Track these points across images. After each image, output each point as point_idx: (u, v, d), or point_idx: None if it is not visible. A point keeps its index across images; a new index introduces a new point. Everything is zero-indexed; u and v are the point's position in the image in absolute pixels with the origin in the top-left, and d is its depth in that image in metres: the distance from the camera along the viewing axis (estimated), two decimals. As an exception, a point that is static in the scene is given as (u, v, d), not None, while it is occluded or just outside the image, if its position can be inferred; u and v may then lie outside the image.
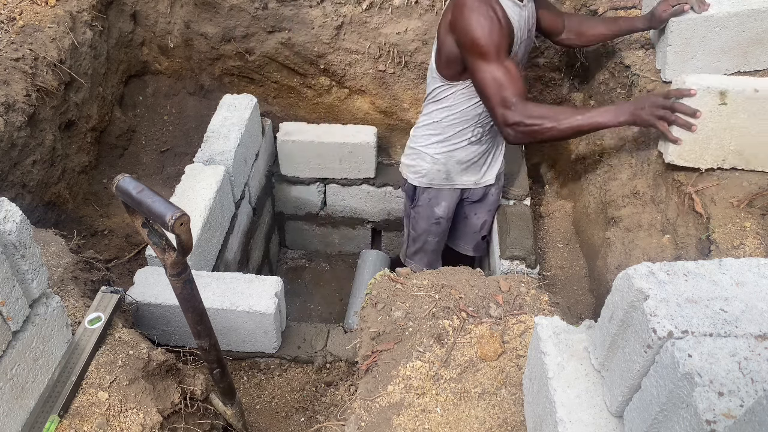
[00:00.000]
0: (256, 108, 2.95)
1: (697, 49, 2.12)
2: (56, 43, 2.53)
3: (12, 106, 2.26)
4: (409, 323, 1.71)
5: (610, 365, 1.09)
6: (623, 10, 2.54)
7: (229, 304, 2.10)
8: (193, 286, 1.48)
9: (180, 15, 3.08)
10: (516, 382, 1.53)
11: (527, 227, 2.56)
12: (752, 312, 0.94)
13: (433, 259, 2.66)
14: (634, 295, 0.98)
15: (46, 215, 2.52)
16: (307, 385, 2.26)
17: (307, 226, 3.54)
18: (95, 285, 1.96)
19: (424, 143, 2.33)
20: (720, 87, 1.78)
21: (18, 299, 1.36)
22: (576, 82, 2.88)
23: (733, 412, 0.80)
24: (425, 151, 2.33)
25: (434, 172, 2.36)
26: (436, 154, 2.32)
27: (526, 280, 1.85)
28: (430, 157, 2.33)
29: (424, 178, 2.40)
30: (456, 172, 2.36)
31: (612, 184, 2.42)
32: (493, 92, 1.96)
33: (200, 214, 2.37)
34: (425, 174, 2.38)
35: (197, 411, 1.84)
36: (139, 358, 1.68)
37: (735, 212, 1.75)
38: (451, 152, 2.30)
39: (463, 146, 2.28)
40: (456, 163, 2.33)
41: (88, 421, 1.52)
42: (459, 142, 2.27)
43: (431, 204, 2.46)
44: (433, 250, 2.63)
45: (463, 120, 2.21)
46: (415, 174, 2.41)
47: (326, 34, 2.96)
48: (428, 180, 2.39)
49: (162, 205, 1.25)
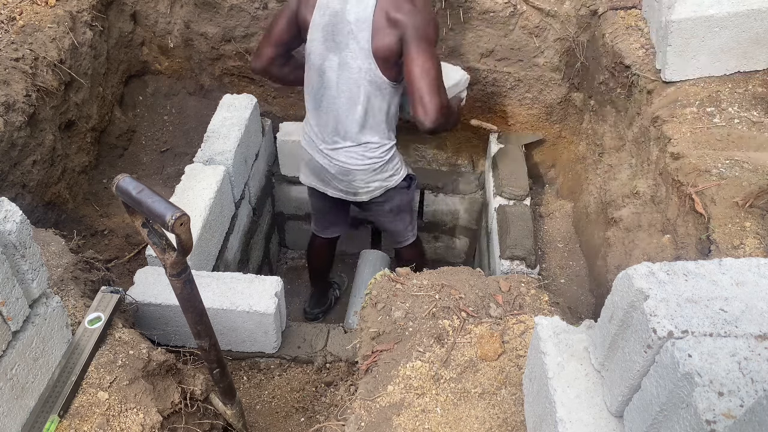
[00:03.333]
0: (256, 108, 2.95)
1: (697, 49, 2.12)
2: (56, 43, 2.53)
3: (12, 106, 2.26)
4: (409, 323, 1.71)
5: (610, 365, 1.09)
6: (623, 10, 2.54)
7: (229, 304, 2.10)
8: (193, 286, 1.48)
9: (180, 15, 3.08)
10: (516, 382, 1.53)
11: (527, 227, 2.56)
12: (752, 312, 0.94)
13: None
14: (634, 295, 0.98)
15: (46, 215, 2.52)
16: (307, 385, 2.26)
17: (307, 226, 3.53)
18: (95, 285, 1.96)
19: (385, 148, 2.41)
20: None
21: (18, 299, 1.36)
22: (576, 82, 2.88)
23: (733, 412, 0.80)
24: (390, 154, 2.43)
25: (399, 157, 2.51)
26: (393, 146, 2.45)
27: (526, 280, 1.85)
28: (393, 151, 2.45)
29: (402, 168, 2.52)
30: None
31: (612, 184, 2.42)
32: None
33: (200, 214, 2.37)
34: (400, 165, 2.50)
35: (197, 411, 1.84)
36: (139, 358, 1.68)
37: (735, 212, 1.75)
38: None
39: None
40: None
41: (88, 421, 1.52)
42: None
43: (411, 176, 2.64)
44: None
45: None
46: (398, 174, 2.50)
47: (326, 34, 2.96)
48: (403, 165, 2.54)
49: (162, 205, 1.25)
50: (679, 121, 2.08)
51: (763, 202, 1.75)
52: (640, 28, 2.44)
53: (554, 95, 2.96)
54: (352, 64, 2.20)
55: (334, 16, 2.17)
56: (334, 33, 2.19)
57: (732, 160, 1.89)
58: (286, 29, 2.31)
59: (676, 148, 1.99)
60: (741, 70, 2.18)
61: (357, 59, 2.19)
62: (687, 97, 2.15)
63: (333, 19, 2.17)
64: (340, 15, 2.16)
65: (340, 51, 2.20)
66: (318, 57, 2.26)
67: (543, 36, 2.80)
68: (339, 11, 2.16)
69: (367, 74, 2.20)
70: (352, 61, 2.20)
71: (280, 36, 2.32)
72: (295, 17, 2.28)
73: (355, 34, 2.15)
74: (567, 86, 2.92)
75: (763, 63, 2.16)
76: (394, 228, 2.76)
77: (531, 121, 3.08)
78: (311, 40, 2.25)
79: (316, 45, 2.24)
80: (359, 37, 2.15)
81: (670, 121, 2.09)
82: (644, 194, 2.18)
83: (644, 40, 2.39)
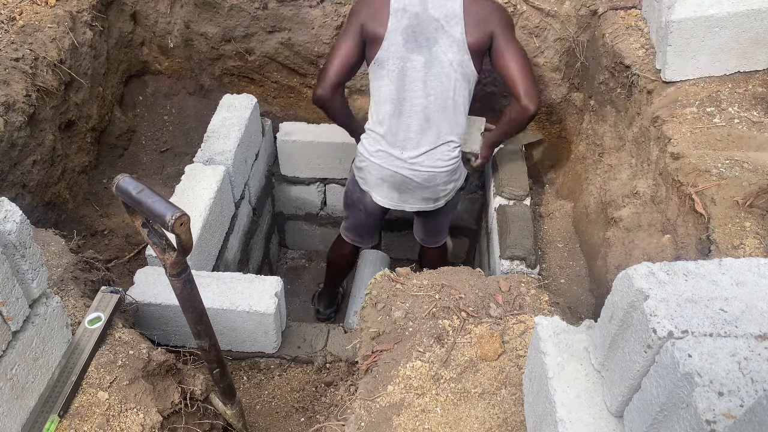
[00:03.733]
0: (256, 108, 2.95)
1: (697, 49, 2.12)
2: (56, 43, 2.53)
3: (12, 106, 2.26)
4: (409, 323, 1.71)
5: (610, 365, 1.09)
6: (623, 10, 2.54)
7: (229, 304, 2.10)
8: (193, 286, 1.48)
9: (180, 15, 3.08)
10: (516, 382, 1.53)
11: (527, 227, 2.56)
12: (752, 312, 0.94)
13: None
14: (634, 295, 0.98)
15: (46, 215, 2.52)
16: (307, 385, 2.26)
17: (307, 226, 3.54)
18: (95, 285, 1.96)
19: (459, 148, 2.44)
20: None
21: (18, 299, 1.36)
22: (576, 82, 2.88)
23: (733, 412, 0.80)
24: (460, 154, 2.45)
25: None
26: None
27: (526, 280, 1.85)
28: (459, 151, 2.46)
29: (461, 166, 2.53)
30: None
31: (612, 184, 2.42)
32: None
33: (200, 214, 2.37)
34: (461, 164, 2.51)
35: (197, 411, 1.84)
36: (139, 358, 1.68)
37: (735, 212, 1.75)
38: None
39: None
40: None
41: (88, 421, 1.52)
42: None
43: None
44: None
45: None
46: (463, 172, 2.52)
47: (326, 34, 2.96)
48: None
49: (162, 205, 1.25)
50: (679, 121, 2.08)
51: (763, 201, 1.75)
52: (640, 28, 2.44)
53: (554, 95, 2.96)
54: (443, 59, 2.24)
55: (414, 18, 2.21)
56: (416, 33, 2.23)
57: (732, 160, 1.89)
58: (354, 50, 2.31)
59: (676, 148, 1.99)
60: (741, 70, 2.18)
61: (449, 53, 2.23)
62: (687, 97, 2.15)
63: (414, 20, 2.21)
64: (422, 15, 2.21)
65: (429, 48, 2.24)
66: (398, 60, 2.26)
67: (543, 36, 2.80)
68: (420, 12, 2.21)
69: (460, 66, 2.25)
70: (443, 55, 2.24)
71: (348, 59, 2.31)
72: (360, 35, 2.29)
73: (446, 29, 2.21)
74: (567, 86, 2.92)
75: (763, 63, 2.16)
76: (441, 228, 2.77)
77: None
78: (388, 46, 2.25)
79: (395, 49, 2.25)
80: (452, 31, 2.21)
81: (670, 121, 2.09)
82: (644, 194, 2.18)
83: (644, 40, 2.39)
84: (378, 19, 2.25)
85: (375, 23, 2.26)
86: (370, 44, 2.31)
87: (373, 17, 2.27)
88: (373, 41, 2.28)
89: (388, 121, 2.35)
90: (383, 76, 2.30)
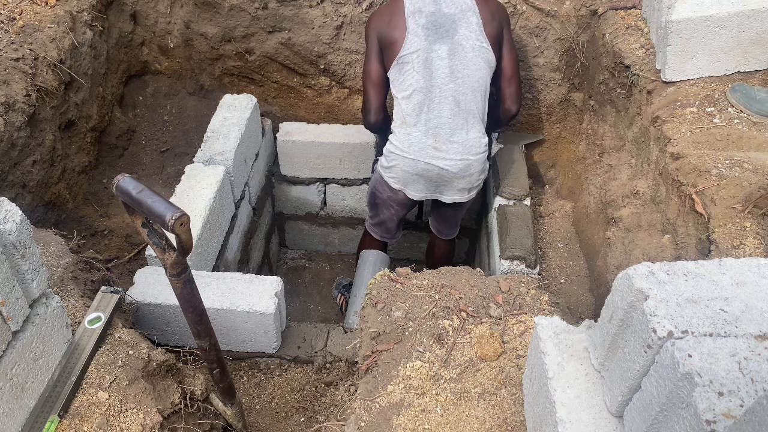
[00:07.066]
0: (256, 108, 2.95)
1: (697, 49, 2.12)
2: (56, 43, 2.53)
3: (12, 106, 2.26)
4: (409, 323, 1.71)
5: (610, 365, 1.09)
6: (623, 10, 2.55)
7: (229, 304, 2.10)
8: (193, 286, 1.48)
9: (180, 15, 3.08)
10: (516, 382, 1.53)
11: (527, 227, 2.56)
12: (752, 312, 0.94)
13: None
14: (634, 295, 0.98)
15: (46, 215, 2.52)
16: (307, 385, 2.25)
17: (307, 226, 3.54)
18: (95, 285, 1.96)
19: (485, 136, 2.45)
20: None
21: (18, 299, 1.36)
22: (576, 82, 2.88)
23: (733, 412, 0.80)
24: (487, 142, 2.46)
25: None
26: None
27: (526, 280, 1.85)
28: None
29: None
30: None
31: (612, 184, 2.42)
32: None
33: (200, 214, 2.37)
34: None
35: (197, 411, 1.84)
36: (139, 358, 1.68)
37: (735, 212, 1.75)
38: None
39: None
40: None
41: (88, 421, 1.52)
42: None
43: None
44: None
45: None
46: (486, 168, 2.52)
47: (326, 34, 2.96)
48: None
49: (162, 205, 1.25)
50: (679, 121, 2.08)
51: (761, 197, 1.75)
52: (640, 28, 2.44)
53: (554, 95, 2.96)
54: (466, 45, 2.30)
55: (431, 16, 2.31)
56: (437, 26, 2.30)
57: (732, 160, 1.89)
58: (383, 68, 2.40)
59: (676, 148, 1.99)
60: (741, 70, 2.18)
61: (470, 39, 2.30)
62: (687, 97, 2.15)
63: (431, 17, 2.31)
64: (438, 13, 2.31)
65: (450, 37, 2.30)
66: (422, 52, 2.30)
67: (543, 36, 2.80)
68: (435, 11, 2.31)
69: (481, 52, 2.32)
70: (465, 41, 2.30)
71: (381, 79, 2.42)
72: (380, 48, 2.38)
73: (464, 20, 2.30)
74: (567, 86, 2.92)
75: (763, 63, 2.16)
76: (458, 218, 2.81)
77: (531, 121, 3.08)
78: (410, 42, 2.30)
79: (418, 44, 2.29)
80: (469, 21, 2.31)
81: (670, 121, 2.09)
82: (644, 194, 2.18)
83: (644, 40, 2.39)
84: (394, 24, 2.32)
85: (391, 28, 2.33)
86: (388, 49, 2.35)
87: (388, 24, 2.33)
88: (392, 45, 2.33)
89: (418, 113, 2.34)
90: (408, 70, 2.32)
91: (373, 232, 2.84)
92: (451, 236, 2.87)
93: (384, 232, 2.81)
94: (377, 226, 2.80)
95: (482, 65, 2.33)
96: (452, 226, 2.83)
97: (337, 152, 3.09)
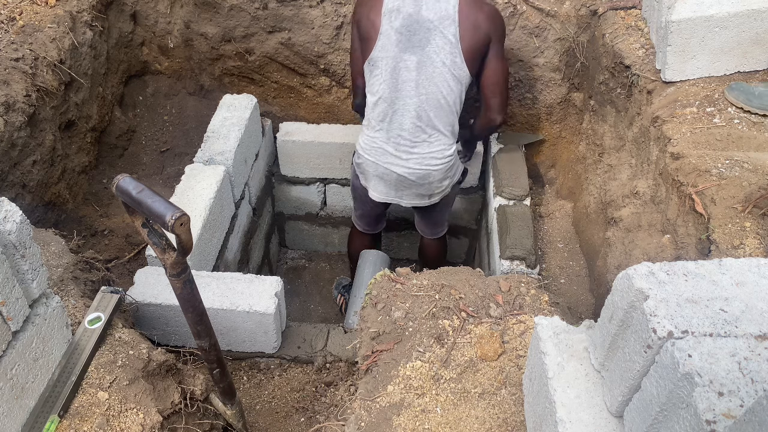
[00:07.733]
0: (256, 108, 2.95)
1: (697, 49, 2.12)
2: (56, 43, 2.53)
3: (12, 106, 2.26)
4: (409, 323, 1.71)
5: (610, 365, 1.09)
6: (623, 10, 2.55)
7: (229, 304, 2.10)
8: (193, 286, 1.48)
9: (180, 15, 3.08)
10: (516, 382, 1.53)
11: (527, 227, 2.56)
12: (752, 312, 0.94)
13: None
14: (634, 295, 0.98)
15: (46, 215, 2.51)
16: (307, 385, 2.25)
17: (307, 226, 3.54)
18: (95, 285, 1.96)
19: (453, 147, 2.44)
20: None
21: (18, 299, 1.36)
22: (576, 82, 2.88)
23: (733, 412, 0.80)
24: (455, 152, 2.46)
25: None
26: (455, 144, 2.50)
27: (526, 280, 1.85)
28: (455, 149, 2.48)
29: (459, 162, 2.56)
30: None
31: (612, 184, 2.42)
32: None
33: (200, 214, 2.37)
34: (457, 160, 2.53)
35: (197, 411, 1.84)
36: (139, 358, 1.68)
37: (735, 212, 1.75)
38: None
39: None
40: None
41: (88, 421, 1.52)
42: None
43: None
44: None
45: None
46: (459, 168, 2.54)
47: (326, 34, 2.96)
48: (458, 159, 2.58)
49: (162, 205, 1.25)
50: (679, 121, 2.08)
51: (761, 197, 1.75)
52: (640, 28, 2.44)
53: (554, 95, 2.96)
54: (436, 59, 2.24)
55: (408, 18, 2.23)
56: (410, 33, 2.24)
57: (732, 160, 1.89)
58: (362, 56, 2.38)
59: (676, 148, 1.99)
60: (741, 70, 2.18)
61: (441, 54, 2.24)
62: (687, 97, 2.15)
63: (407, 20, 2.23)
64: (415, 16, 2.22)
65: (422, 48, 2.24)
66: (391, 60, 2.27)
67: (543, 36, 2.80)
68: (413, 13, 2.22)
69: (452, 68, 2.25)
70: (435, 55, 2.24)
71: (362, 65, 2.39)
72: (359, 34, 2.35)
73: (440, 30, 2.22)
74: (567, 86, 2.92)
75: (763, 63, 2.16)
76: (439, 219, 2.81)
77: (531, 121, 3.08)
78: (381, 46, 2.27)
79: (388, 49, 2.27)
80: (445, 33, 2.21)
81: (670, 121, 2.09)
82: (644, 194, 2.18)
83: (644, 40, 2.39)
84: (371, 19, 2.28)
85: (368, 23, 2.29)
86: (363, 43, 2.34)
87: (367, 17, 2.30)
88: (367, 41, 2.32)
89: (381, 120, 2.37)
90: (377, 75, 2.32)
91: (357, 224, 2.91)
92: (437, 235, 2.89)
93: (365, 224, 2.88)
94: (360, 218, 2.87)
95: (451, 81, 2.27)
96: (434, 225, 2.85)
97: (337, 152, 3.09)
